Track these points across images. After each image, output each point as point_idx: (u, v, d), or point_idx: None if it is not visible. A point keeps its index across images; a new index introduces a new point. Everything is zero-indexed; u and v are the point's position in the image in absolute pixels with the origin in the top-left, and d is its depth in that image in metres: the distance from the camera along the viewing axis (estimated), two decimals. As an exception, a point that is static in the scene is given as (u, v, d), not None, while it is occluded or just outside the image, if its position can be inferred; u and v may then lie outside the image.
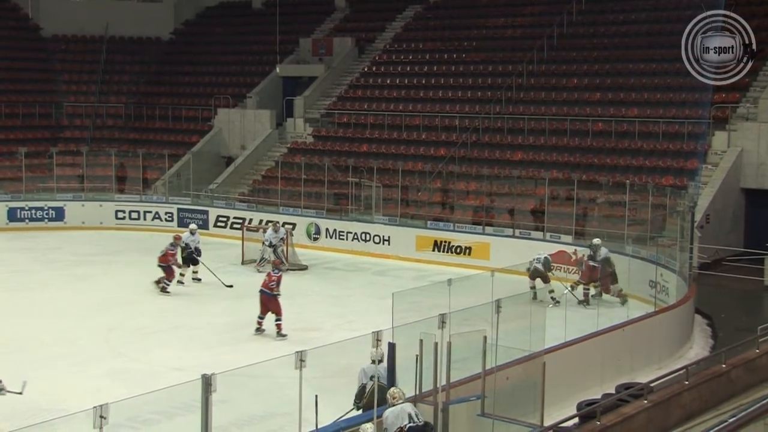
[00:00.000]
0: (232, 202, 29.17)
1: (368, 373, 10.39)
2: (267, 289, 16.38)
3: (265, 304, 16.41)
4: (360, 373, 10.49)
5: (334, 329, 16.74)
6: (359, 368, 10.43)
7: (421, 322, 10.18)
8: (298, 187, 28.08)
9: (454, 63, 31.75)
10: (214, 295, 19.89)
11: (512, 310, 10.76)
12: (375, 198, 26.38)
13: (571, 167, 25.33)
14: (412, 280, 21.47)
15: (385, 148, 29.63)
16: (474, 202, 25.66)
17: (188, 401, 8.46)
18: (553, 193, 24.02)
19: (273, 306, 16.36)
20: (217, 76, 36.54)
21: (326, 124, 32.45)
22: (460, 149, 27.91)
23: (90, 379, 13.67)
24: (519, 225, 23.59)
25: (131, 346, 15.75)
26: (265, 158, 32.18)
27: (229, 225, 27.37)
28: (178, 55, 38.68)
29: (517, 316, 11.04)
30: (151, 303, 19.07)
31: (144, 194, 30.30)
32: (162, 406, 11.21)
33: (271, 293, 16.34)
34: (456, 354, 10.08)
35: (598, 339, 13.84)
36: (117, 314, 18.02)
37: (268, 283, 16.42)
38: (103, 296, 19.58)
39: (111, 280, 21.55)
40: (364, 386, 10.42)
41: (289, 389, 9.31)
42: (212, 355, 14.67)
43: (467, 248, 23.34)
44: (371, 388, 10.25)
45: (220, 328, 17.14)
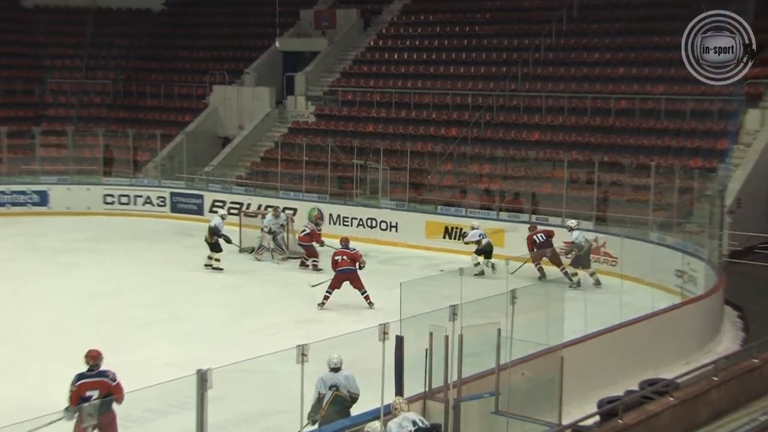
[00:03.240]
0: (229, 185, 29.22)
1: (327, 383, 10.23)
2: (351, 266, 17.57)
3: (347, 280, 17.59)
4: (318, 382, 10.20)
5: (338, 321, 16.79)
6: (317, 378, 10.22)
7: (430, 314, 10.21)
8: (300, 170, 28.09)
9: (466, 36, 31.67)
10: (211, 286, 19.94)
11: (528, 301, 10.77)
12: (382, 181, 26.39)
13: (592, 148, 25.28)
14: (421, 269, 21.50)
15: (393, 128, 29.60)
16: (488, 186, 25.66)
17: (183, 398, 8.50)
18: (572, 176, 23.98)
19: (357, 282, 17.65)
20: (213, 50, 36.53)
21: (329, 102, 32.42)
22: (473, 129, 27.87)
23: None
24: (536, 210, 23.57)
25: (122, 338, 15.78)
26: (264, 139, 32.19)
27: (225, 210, 27.37)
28: (171, 28, 38.64)
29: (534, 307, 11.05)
30: (143, 293, 19.14)
31: (134, 177, 30.33)
32: (155, 403, 11.28)
33: (354, 269, 17.59)
34: (468, 348, 10.09)
35: (620, 332, 13.86)
36: (107, 305, 18.09)
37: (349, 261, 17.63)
38: (92, 286, 19.64)
39: (100, 268, 21.63)
40: (322, 397, 10.20)
41: (290, 385, 9.36)
42: (208, 349, 14.73)
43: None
44: (330, 399, 10.14)
45: (218, 320, 17.22)
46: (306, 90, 33.07)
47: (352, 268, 17.81)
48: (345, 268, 17.84)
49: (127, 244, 24.49)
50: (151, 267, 21.77)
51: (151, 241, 25.19)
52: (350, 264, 17.81)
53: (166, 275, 20.81)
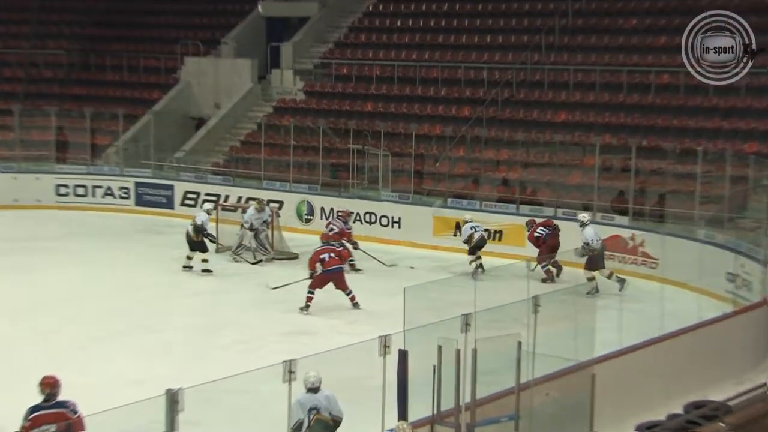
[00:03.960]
0: (204, 174, 29.24)
1: (305, 405, 10.11)
2: (339, 264, 18.36)
3: (333, 281, 18.29)
4: (295, 406, 10.05)
5: (332, 333, 16.81)
6: (294, 400, 10.06)
7: (439, 324, 10.22)
8: (287, 156, 28.10)
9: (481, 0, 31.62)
10: (182, 291, 19.93)
11: (554, 309, 10.80)
12: (382, 169, 26.40)
13: (629, 130, 25.25)
14: (428, 271, 21.49)
15: (395, 107, 29.60)
16: (505, 175, 25.63)
17: (149, 423, 8.48)
18: (605, 164, 23.98)
19: (343, 282, 18.34)
20: (185, 16, 36.52)
21: (321, 76, 32.40)
22: (489, 108, 27.85)
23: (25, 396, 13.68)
24: (562, 203, 23.57)
25: (77, 354, 15.77)
26: (245, 120, 32.20)
27: (199, 203, 27.39)
28: (135, -10, 38.61)
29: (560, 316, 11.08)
30: (102, 301, 19.12)
31: (92, 165, 30.32)
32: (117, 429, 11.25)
33: (343, 267, 18.47)
34: (483, 363, 10.11)
35: (662, 345, 13.85)
36: (60, 315, 18.07)
37: (338, 259, 18.43)
38: (42, 293, 19.61)
39: (52, 272, 21.58)
40: (301, 423, 10.07)
41: (274, 407, 9.35)
42: (180, 366, 14.74)
43: (497, 232, 23.32)
44: (310, 423, 10.06)
45: (191, 331, 17.20)
46: (293, 63, 33.03)
47: (342, 267, 18.52)
48: (335, 267, 18.34)
49: (83, 244, 24.46)
50: (112, 270, 21.76)
51: (112, 240, 25.16)
52: (339, 262, 18.51)
53: (129, 279, 20.79)
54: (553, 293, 11.20)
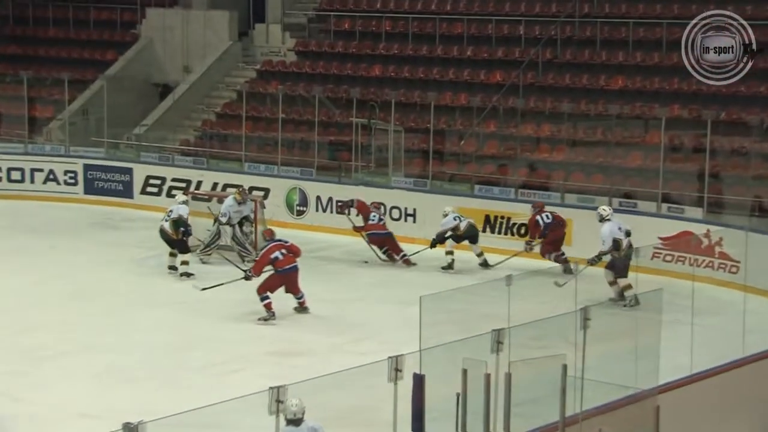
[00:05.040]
0: (170, 155, 29.29)
1: None
2: (295, 263, 19.02)
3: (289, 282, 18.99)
4: None
5: (331, 352, 16.84)
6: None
7: (464, 342, 10.25)
8: (274, 132, 28.18)
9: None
10: (145, 300, 19.99)
11: (608, 324, 10.85)
12: (393, 149, 26.45)
13: (702, 100, 25.21)
14: (450, 276, 21.61)
15: (409, 71, 29.65)
16: (547, 156, 25.67)
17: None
18: (672, 141, 24.01)
19: (296, 284, 19.12)
20: (145, -44, 36.57)
21: (316, 32, 32.47)
22: (527, 73, 27.85)
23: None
24: (618, 191, 23.59)
25: (16, 379, 15.83)
26: (222, 87, 32.32)
27: (164, 191, 27.48)
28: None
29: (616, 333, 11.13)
30: (45, 313, 19.16)
31: (31, 142, 30.39)
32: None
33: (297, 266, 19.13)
34: (520, 391, 10.16)
35: (743, 370, 13.89)
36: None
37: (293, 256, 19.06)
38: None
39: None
40: None
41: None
42: (141, 394, 14.75)
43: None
44: None
45: (155, 351, 17.23)
46: (282, 15, 33.09)
47: (296, 266, 19.17)
48: (291, 267, 19.02)
49: (20, 241, 24.51)
50: (57, 273, 21.84)
51: (57, 237, 25.21)
52: (294, 261, 19.14)
53: (77, 286, 20.87)
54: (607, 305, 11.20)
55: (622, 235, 19.92)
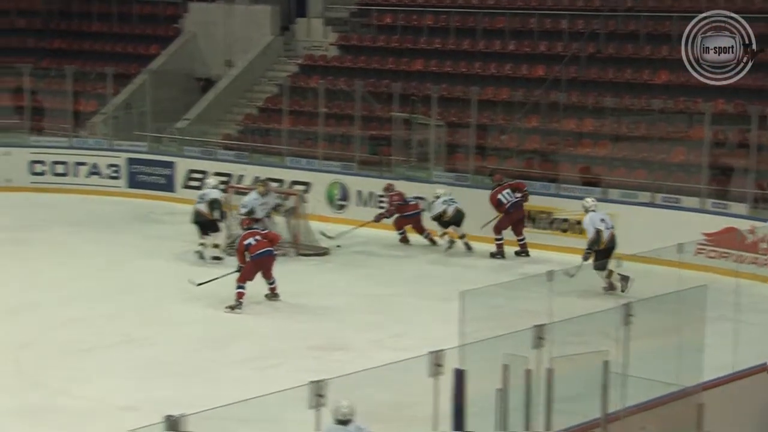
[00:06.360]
0: (213, 149, 29.37)
1: None
2: (270, 247, 19.28)
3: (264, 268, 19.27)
4: None
5: (371, 347, 16.82)
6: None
7: (505, 338, 10.20)
8: (315, 126, 28.17)
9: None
10: (184, 294, 20.00)
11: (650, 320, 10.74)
12: (434, 144, 26.38)
13: (748, 94, 24.98)
14: (490, 271, 21.54)
15: (451, 66, 29.57)
16: (590, 151, 25.56)
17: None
18: (717, 136, 23.83)
19: (270, 270, 19.41)
20: (189, -49, 36.64)
21: (358, 27, 32.43)
22: (570, 67, 27.72)
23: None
24: (662, 186, 23.44)
25: (55, 371, 15.90)
26: (264, 81, 32.33)
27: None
28: None
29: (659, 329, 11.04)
30: (85, 305, 19.22)
31: (75, 136, 30.54)
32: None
33: (273, 251, 19.41)
34: (561, 388, 10.11)
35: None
36: (33, 323, 18.17)
37: (267, 242, 19.31)
38: (10, 295, 19.73)
39: (24, 269, 21.79)
40: None
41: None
42: (181, 387, 14.78)
43: (579, 223, 23.17)
44: None
45: (194, 344, 17.28)
46: (324, 10, 33.09)
47: (272, 250, 19.41)
48: (264, 251, 19.15)
49: (62, 234, 24.64)
50: (98, 267, 21.92)
51: (99, 230, 25.33)
52: (269, 245, 19.36)
53: (119, 279, 20.95)
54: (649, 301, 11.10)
55: (603, 227, 20.14)
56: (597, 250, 19.98)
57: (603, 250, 19.98)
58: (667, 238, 19.91)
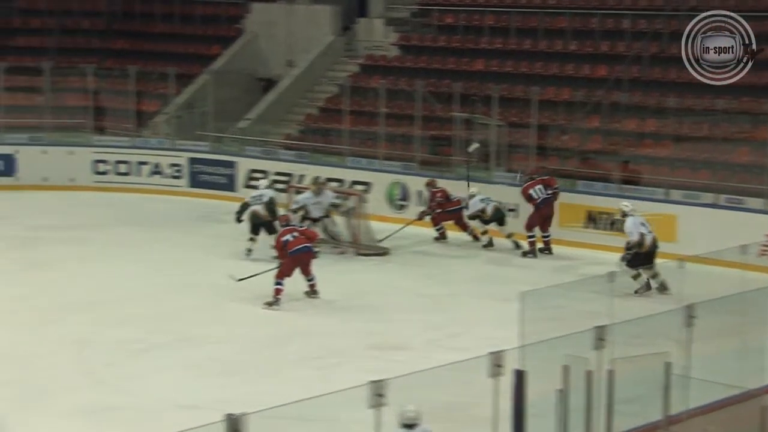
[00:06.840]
0: (273, 149, 29.48)
1: None
2: (306, 243, 19.17)
3: (302, 264, 19.21)
4: None
5: (430, 348, 16.81)
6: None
7: (566, 339, 10.16)
8: (376, 126, 28.19)
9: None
10: (243, 294, 20.05)
11: (714, 321, 10.63)
12: (495, 144, 26.29)
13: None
14: (551, 272, 21.50)
15: (512, 66, 29.51)
16: (652, 152, 25.37)
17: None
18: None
19: (309, 267, 19.31)
20: (251, -48, 36.79)
21: (419, 27, 32.41)
22: (632, 67, 27.56)
23: (53, 421, 13.92)
24: (725, 187, 23.23)
25: (115, 369, 16.02)
26: (325, 81, 32.40)
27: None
28: None
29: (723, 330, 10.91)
30: (145, 304, 19.34)
31: (138, 136, 30.75)
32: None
33: (312, 247, 19.32)
34: (622, 389, 10.05)
35: None
36: (94, 320, 18.28)
37: (305, 238, 19.26)
38: (71, 293, 19.89)
39: (84, 268, 21.96)
40: None
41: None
42: (241, 386, 14.84)
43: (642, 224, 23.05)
44: None
45: (253, 344, 17.33)
46: (385, 10, 33.08)
47: (310, 247, 19.35)
48: (302, 247, 19.10)
49: (124, 233, 24.82)
50: (158, 266, 22.05)
51: (160, 229, 25.55)
52: (307, 242, 19.30)
53: (178, 278, 21.07)
54: (713, 302, 10.97)
55: (645, 230, 20.05)
56: (638, 253, 19.92)
57: (646, 253, 19.91)
58: (730, 240, 19.77)
